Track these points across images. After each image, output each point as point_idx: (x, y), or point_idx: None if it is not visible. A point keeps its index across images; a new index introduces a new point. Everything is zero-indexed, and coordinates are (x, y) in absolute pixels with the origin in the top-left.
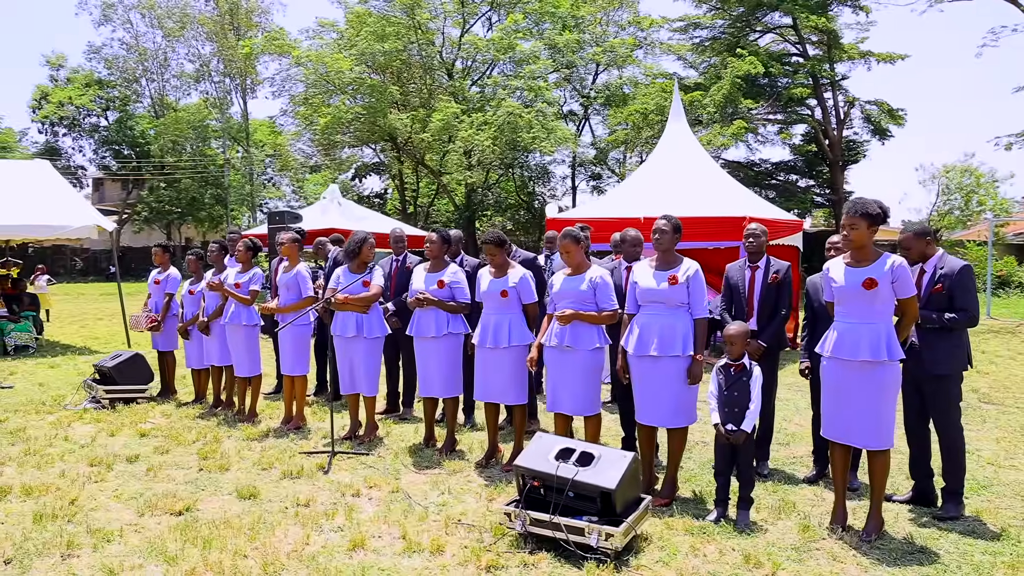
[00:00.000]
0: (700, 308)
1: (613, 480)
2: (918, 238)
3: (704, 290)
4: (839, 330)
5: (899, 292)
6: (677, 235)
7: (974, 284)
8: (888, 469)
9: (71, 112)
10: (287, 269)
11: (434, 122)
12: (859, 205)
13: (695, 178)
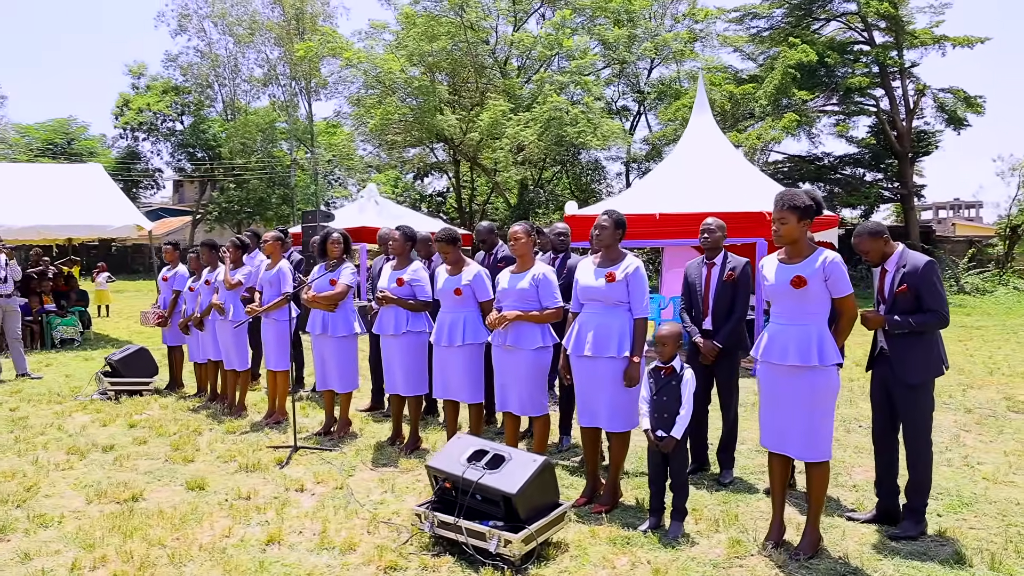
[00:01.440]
0: (640, 307)
1: (515, 485)
2: (874, 238)
3: (644, 288)
4: (770, 332)
5: (833, 291)
6: (619, 231)
7: (940, 281)
8: (825, 483)
9: (149, 117)
10: (269, 267)
11: (483, 120)
12: (787, 197)
13: (716, 173)
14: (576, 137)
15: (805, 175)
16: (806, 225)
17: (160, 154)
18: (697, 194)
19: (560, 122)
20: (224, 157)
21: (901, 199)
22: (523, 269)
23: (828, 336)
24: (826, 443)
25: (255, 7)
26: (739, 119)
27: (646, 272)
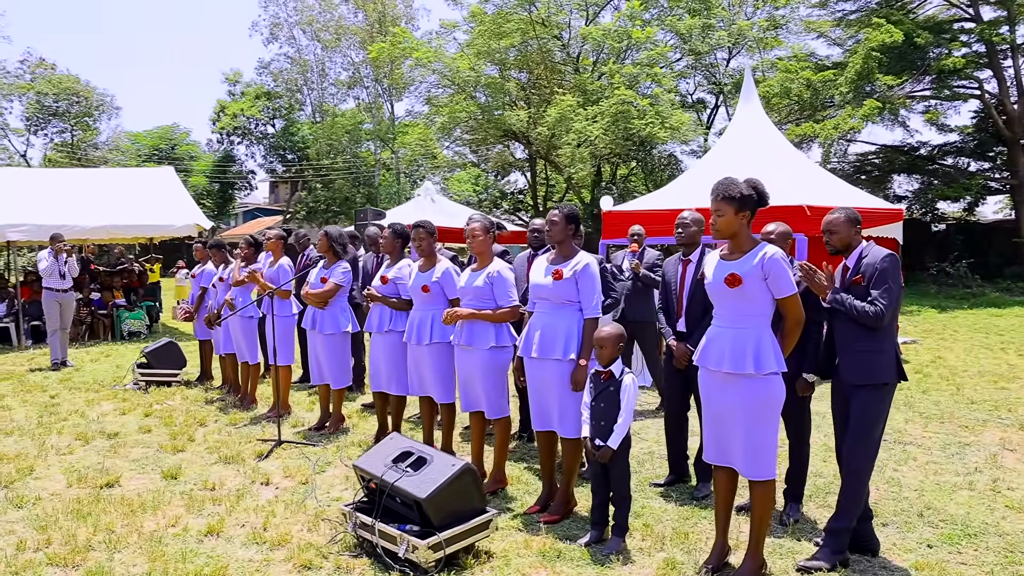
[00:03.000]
0: (590, 306)
1: (426, 490)
2: (849, 223)
3: (594, 287)
4: (708, 335)
5: (774, 290)
6: (572, 225)
7: (895, 277)
8: (769, 504)
9: (243, 122)
10: (271, 264)
11: (550, 116)
12: (723, 187)
13: (760, 165)
14: (643, 130)
15: (897, 166)
16: (745, 217)
17: (254, 156)
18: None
19: (627, 116)
20: (311, 158)
21: (1011, 190)
22: (482, 267)
23: (767, 341)
24: (769, 460)
25: (340, 12)
26: (817, 108)
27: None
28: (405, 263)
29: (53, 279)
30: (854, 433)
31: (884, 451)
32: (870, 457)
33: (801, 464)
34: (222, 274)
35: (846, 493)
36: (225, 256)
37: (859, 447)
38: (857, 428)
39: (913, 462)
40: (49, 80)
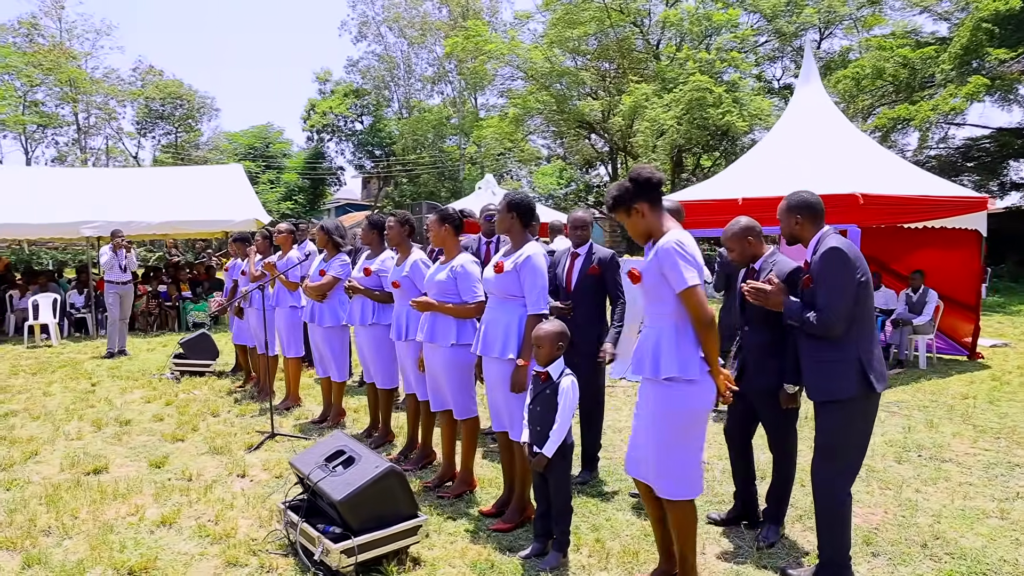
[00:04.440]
0: (533, 302)
1: (343, 492)
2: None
3: (537, 280)
4: (639, 338)
5: (672, 284)
6: (513, 214)
7: (839, 274)
8: (686, 527)
9: (332, 120)
10: (280, 257)
11: (624, 105)
12: (607, 200)
13: (817, 150)
14: (719, 119)
15: (1012, 151)
16: (641, 211)
17: (343, 153)
18: (790, 175)
19: (702, 103)
20: (397, 154)
21: None
22: (448, 260)
23: (672, 343)
24: (683, 478)
25: (425, 8)
26: (915, 89)
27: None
28: (388, 255)
29: (113, 272)
30: (819, 450)
31: (912, 468)
32: (840, 476)
33: (782, 483)
34: (244, 267)
35: (817, 520)
36: (244, 250)
37: (824, 465)
38: (822, 445)
39: (943, 482)
40: (156, 86)
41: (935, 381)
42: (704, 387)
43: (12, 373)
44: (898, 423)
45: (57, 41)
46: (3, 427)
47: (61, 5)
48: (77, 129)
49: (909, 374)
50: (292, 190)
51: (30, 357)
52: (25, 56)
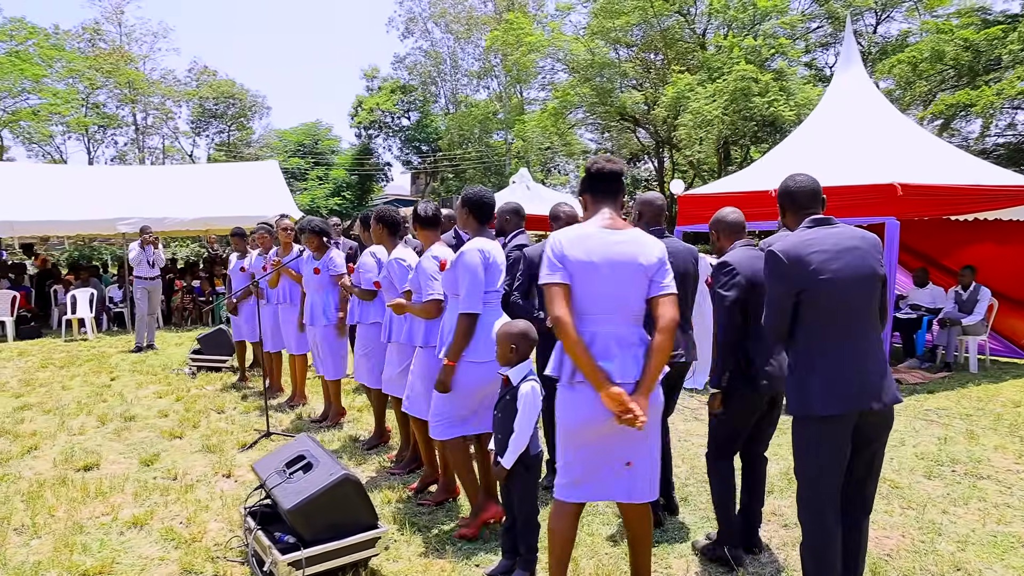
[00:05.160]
0: (463, 300)
1: (292, 501)
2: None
3: (467, 278)
4: None
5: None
6: (468, 212)
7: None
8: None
9: (379, 116)
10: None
11: (666, 96)
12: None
13: (855, 138)
14: (765, 108)
15: None
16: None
17: (391, 149)
18: (826, 164)
19: (748, 93)
20: (442, 149)
21: None
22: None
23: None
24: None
25: (471, 3)
26: (978, 73)
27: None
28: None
29: (141, 268)
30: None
31: (943, 485)
32: (801, 497)
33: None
34: (243, 263)
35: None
36: (245, 245)
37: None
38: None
39: (976, 503)
40: (210, 85)
41: (985, 386)
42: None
43: (42, 366)
44: (934, 433)
45: (117, 45)
46: (13, 420)
47: (121, 10)
48: (135, 129)
49: (957, 378)
50: (340, 186)
51: (64, 350)
52: (87, 60)
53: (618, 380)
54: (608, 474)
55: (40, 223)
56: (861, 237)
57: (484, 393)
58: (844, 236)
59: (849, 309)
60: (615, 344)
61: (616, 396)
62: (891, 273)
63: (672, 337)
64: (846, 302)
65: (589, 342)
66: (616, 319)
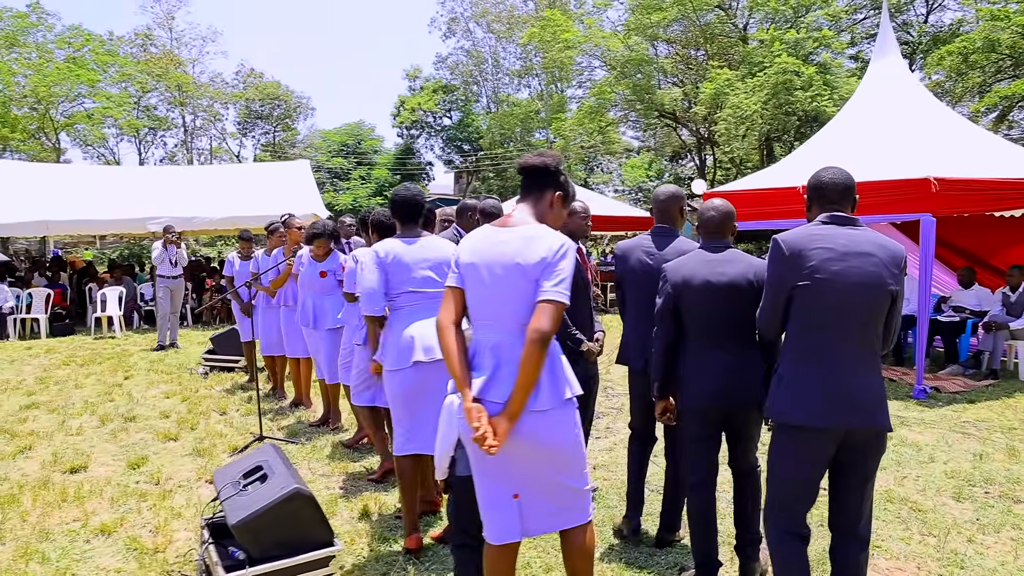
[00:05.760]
0: (360, 302)
1: (239, 515)
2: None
3: (361, 279)
4: None
5: None
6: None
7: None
8: None
9: (421, 116)
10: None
11: (705, 92)
12: None
13: (889, 130)
14: (807, 103)
15: None
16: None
17: (432, 148)
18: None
19: (789, 87)
20: (483, 148)
21: None
22: None
23: None
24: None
25: (512, 2)
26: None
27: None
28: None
29: (164, 267)
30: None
31: (973, 508)
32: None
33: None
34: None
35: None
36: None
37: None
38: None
39: (1009, 531)
40: (256, 87)
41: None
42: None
43: (64, 363)
44: (970, 448)
45: (167, 49)
46: (17, 419)
47: (172, 16)
48: (185, 131)
49: (1002, 386)
50: (382, 185)
51: (90, 348)
52: (139, 65)
53: (480, 395)
54: (505, 505)
55: (73, 222)
56: (880, 245)
57: (417, 405)
58: (859, 238)
59: (842, 317)
60: (490, 355)
61: (468, 412)
62: (924, 275)
63: (535, 353)
64: (841, 309)
65: (472, 352)
66: (496, 327)
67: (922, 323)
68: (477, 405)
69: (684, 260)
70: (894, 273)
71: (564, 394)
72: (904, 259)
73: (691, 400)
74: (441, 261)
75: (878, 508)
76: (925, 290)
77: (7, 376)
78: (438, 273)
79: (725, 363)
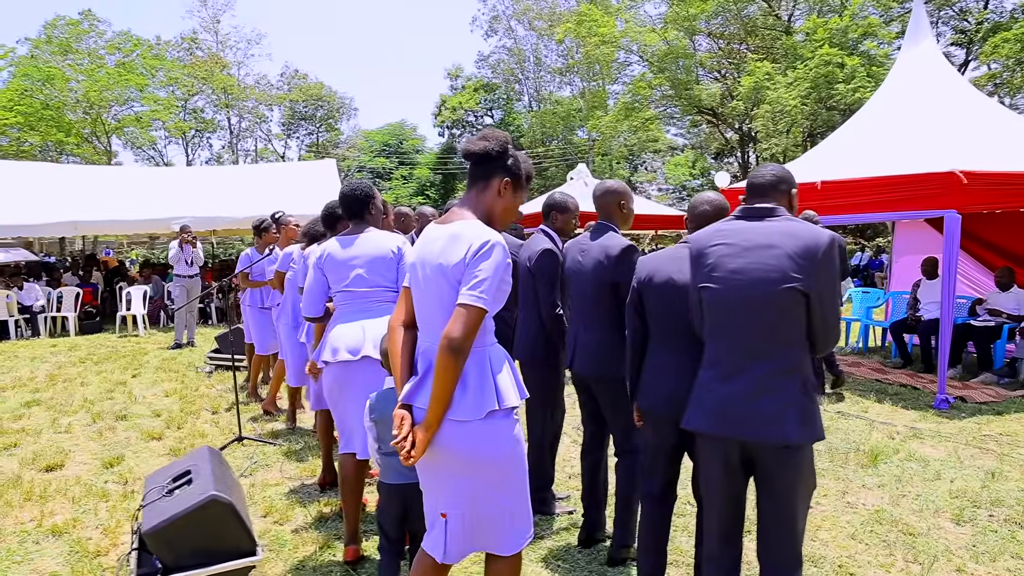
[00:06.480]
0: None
1: (152, 522)
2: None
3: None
4: None
5: None
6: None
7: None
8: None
9: (462, 115)
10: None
11: (743, 86)
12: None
13: (921, 122)
14: (849, 95)
15: None
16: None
17: None
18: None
19: (831, 79)
20: (524, 146)
21: None
22: None
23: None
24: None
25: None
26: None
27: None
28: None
29: (180, 266)
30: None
31: (971, 533)
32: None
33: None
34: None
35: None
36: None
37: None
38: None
39: (1008, 560)
40: (300, 89)
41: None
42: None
43: (81, 361)
44: (985, 465)
45: (213, 53)
46: (13, 416)
47: (217, 19)
48: (230, 133)
49: None
50: (424, 184)
51: (110, 346)
52: (185, 68)
53: (408, 400)
54: (435, 523)
55: (100, 222)
56: (788, 234)
57: (337, 405)
58: (766, 230)
59: (743, 318)
60: (422, 360)
61: (394, 417)
62: (948, 276)
63: (444, 361)
64: (739, 310)
65: (416, 356)
66: (427, 330)
67: (944, 328)
68: (402, 412)
69: (652, 256)
70: (801, 265)
71: (488, 405)
72: (822, 248)
73: (644, 403)
74: (375, 258)
75: (863, 531)
76: (948, 293)
77: (22, 373)
78: (369, 270)
79: (680, 366)
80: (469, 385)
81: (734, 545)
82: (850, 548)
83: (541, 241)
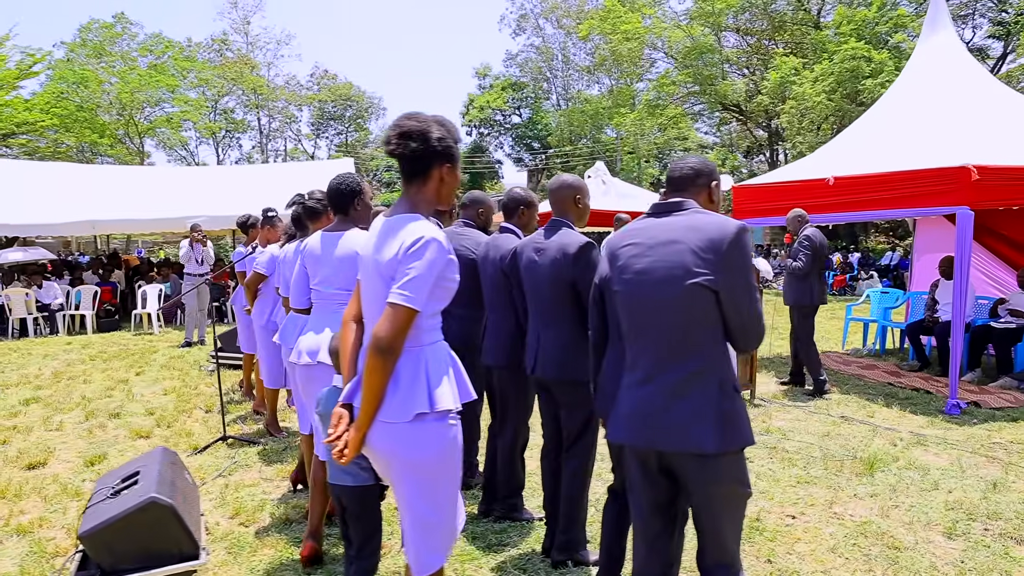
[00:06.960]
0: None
1: (88, 524)
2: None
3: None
4: None
5: None
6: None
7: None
8: None
9: (489, 114)
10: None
11: (769, 81)
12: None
13: (937, 115)
14: (876, 90)
15: None
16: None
17: (502, 146)
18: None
19: (857, 74)
20: (552, 145)
21: None
22: None
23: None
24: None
25: None
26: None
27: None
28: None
29: (190, 265)
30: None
31: (961, 548)
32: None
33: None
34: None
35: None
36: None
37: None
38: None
39: None
40: (329, 89)
41: None
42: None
43: (90, 359)
44: (988, 474)
45: (243, 54)
46: (7, 414)
47: (247, 21)
48: (260, 133)
49: None
50: None
51: (122, 344)
52: (215, 69)
53: (348, 399)
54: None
55: (118, 221)
56: (693, 228)
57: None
58: (669, 227)
59: (651, 319)
60: (362, 358)
61: (334, 414)
62: (960, 276)
63: (371, 361)
64: (646, 311)
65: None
66: (369, 327)
67: (956, 329)
68: (341, 410)
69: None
70: (706, 259)
71: (417, 407)
72: (728, 240)
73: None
74: (346, 257)
75: (845, 544)
76: (960, 293)
77: (30, 370)
78: (338, 271)
79: None
80: (400, 386)
81: (660, 552)
82: (827, 562)
83: (510, 240)
